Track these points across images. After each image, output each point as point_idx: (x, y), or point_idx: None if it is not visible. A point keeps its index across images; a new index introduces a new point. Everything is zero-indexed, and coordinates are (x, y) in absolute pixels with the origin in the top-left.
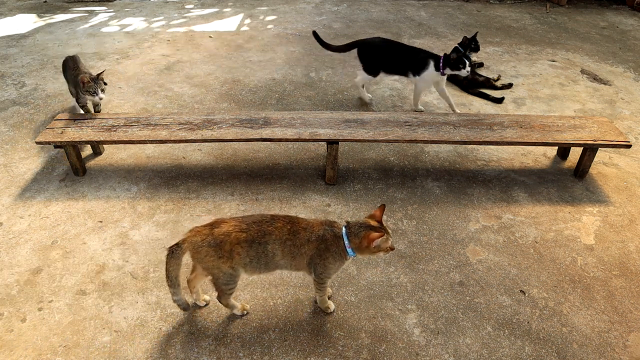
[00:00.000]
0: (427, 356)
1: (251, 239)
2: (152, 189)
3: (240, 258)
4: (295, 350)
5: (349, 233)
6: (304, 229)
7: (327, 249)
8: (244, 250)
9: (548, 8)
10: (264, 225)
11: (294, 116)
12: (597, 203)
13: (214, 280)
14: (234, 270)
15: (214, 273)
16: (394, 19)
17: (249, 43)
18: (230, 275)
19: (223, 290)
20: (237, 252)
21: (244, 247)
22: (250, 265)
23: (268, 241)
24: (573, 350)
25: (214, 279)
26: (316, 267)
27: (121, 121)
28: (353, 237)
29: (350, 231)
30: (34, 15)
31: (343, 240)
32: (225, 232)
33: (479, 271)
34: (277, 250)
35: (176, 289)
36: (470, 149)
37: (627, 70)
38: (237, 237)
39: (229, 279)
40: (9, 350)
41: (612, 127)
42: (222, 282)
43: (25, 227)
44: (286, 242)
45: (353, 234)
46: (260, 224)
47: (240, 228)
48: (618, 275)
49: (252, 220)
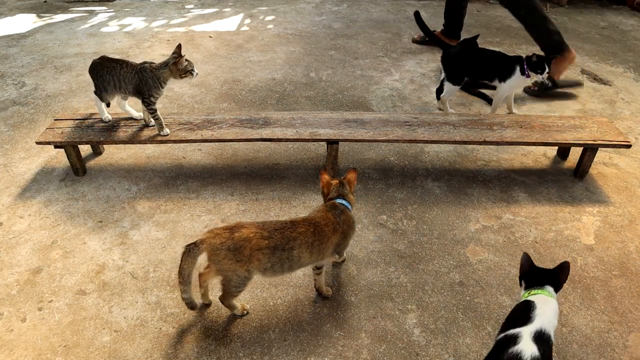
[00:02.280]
0: (427, 356)
1: (274, 246)
2: (152, 189)
3: (260, 264)
4: (295, 350)
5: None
6: (325, 225)
7: (349, 226)
8: (265, 256)
9: (548, 8)
10: (287, 232)
11: (294, 116)
12: (597, 203)
13: (225, 281)
14: (249, 274)
15: (228, 275)
16: (394, 19)
17: (249, 43)
18: (245, 278)
19: (231, 292)
20: (257, 257)
21: (266, 253)
22: (271, 270)
23: (293, 247)
24: (573, 351)
25: (225, 280)
26: (338, 248)
27: (121, 121)
28: (348, 198)
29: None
30: (34, 15)
31: (348, 209)
32: (246, 237)
33: (479, 271)
34: (303, 254)
35: (187, 287)
36: (470, 149)
37: (627, 71)
38: (258, 243)
39: (241, 282)
40: (9, 350)
41: (612, 127)
42: (234, 285)
43: (25, 227)
44: (313, 244)
45: (344, 196)
46: (282, 231)
47: (262, 235)
48: (618, 275)
49: (273, 227)
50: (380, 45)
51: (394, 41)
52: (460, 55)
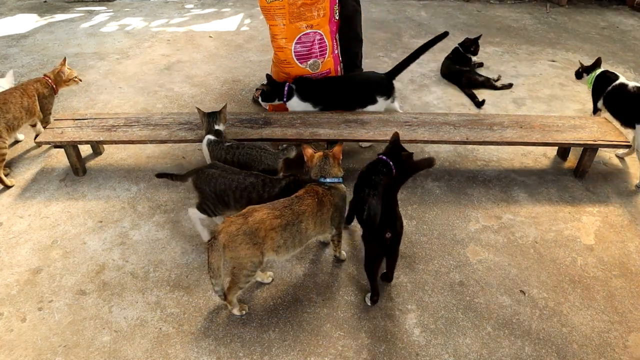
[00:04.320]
0: (427, 356)
1: (286, 223)
2: (152, 189)
3: (273, 242)
4: (295, 350)
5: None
6: (324, 195)
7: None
8: (278, 234)
9: (548, 8)
10: (295, 207)
11: (293, 116)
12: (597, 203)
13: (237, 270)
14: (262, 257)
15: (242, 263)
16: (394, 19)
17: (249, 43)
18: (258, 264)
19: (240, 282)
20: (270, 237)
21: (279, 231)
22: (284, 247)
23: (302, 220)
24: (573, 351)
25: (237, 269)
26: (335, 219)
27: (121, 121)
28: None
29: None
30: (34, 15)
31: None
32: (260, 219)
33: (479, 271)
34: (309, 225)
35: (217, 280)
36: (470, 149)
37: (627, 70)
38: (271, 223)
39: (253, 269)
40: (9, 350)
41: (612, 127)
42: (246, 274)
43: (25, 227)
44: (317, 214)
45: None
46: (291, 207)
47: (274, 215)
48: (618, 275)
49: (282, 205)
50: (380, 45)
51: (394, 41)
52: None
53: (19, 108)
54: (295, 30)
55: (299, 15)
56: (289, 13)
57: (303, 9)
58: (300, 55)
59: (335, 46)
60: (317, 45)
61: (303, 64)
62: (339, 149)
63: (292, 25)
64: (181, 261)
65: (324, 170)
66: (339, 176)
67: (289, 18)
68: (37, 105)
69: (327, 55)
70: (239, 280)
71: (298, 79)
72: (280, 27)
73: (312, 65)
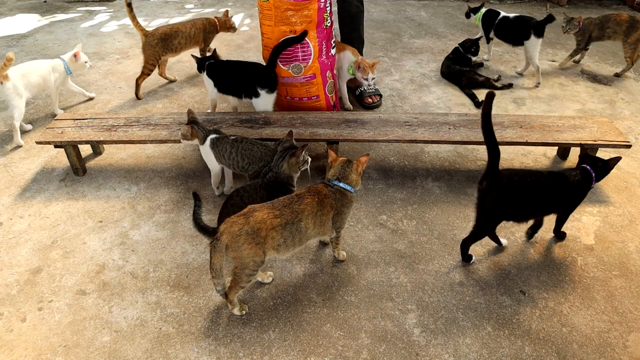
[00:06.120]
0: (427, 356)
1: (285, 222)
2: (152, 189)
3: (274, 241)
4: (295, 350)
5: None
6: (325, 196)
7: (343, 204)
8: (278, 233)
9: (548, 8)
10: (295, 206)
11: (293, 116)
12: (597, 203)
13: (239, 270)
14: (264, 256)
15: (245, 262)
16: (394, 19)
17: (249, 43)
18: (260, 263)
19: (242, 281)
20: (271, 236)
21: (279, 230)
22: (284, 245)
23: (301, 219)
24: (573, 351)
25: (240, 269)
26: (336, 223)
27: (121, 121)
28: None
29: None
30: (34, 15)
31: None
32: (261, 219)
33: (479, 271)
34: (309, 224)
35: (220, 280)
36: (470, 149)
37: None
38: (272, 222)
39: (256, 268)
40: (9, 350)
41: (612, 127)
42: (248, 273)
43: (25, 227)
44: (317, 214)
45: (345, 177)
46: (291, 206)
47: (274, 214)
48: (618, 275)
49: (282, 204)
50: (380, 45)
51: (394, 41)
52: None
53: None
54: (279, 34)
55: (282, 20)
56: (274, 16)
57: (287, 14)
58: (282, 57)
59: (324, 52)
60: (299, 50)
61: (285, 66)
62: (366, 159)
63: (277, 28)
64: (181, 261)
65: (343, 174)
66: (354, 186)
67: (274, 21)
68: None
69: (311, 60)
70: (241, 280)
71: (214, 58)
72: (267, 27)
73: (294, 68)
